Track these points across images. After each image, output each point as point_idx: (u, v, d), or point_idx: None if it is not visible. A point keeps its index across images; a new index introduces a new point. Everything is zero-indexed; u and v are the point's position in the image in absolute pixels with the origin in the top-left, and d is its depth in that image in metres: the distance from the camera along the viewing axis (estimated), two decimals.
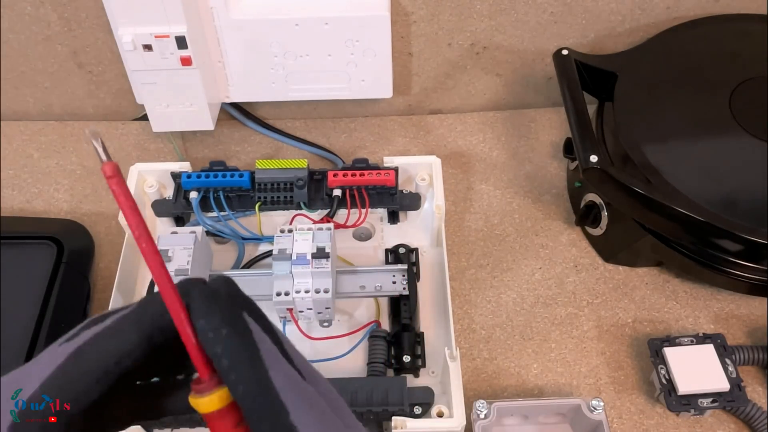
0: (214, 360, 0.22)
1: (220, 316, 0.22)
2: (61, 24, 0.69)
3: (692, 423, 0.55)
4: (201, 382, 0.22)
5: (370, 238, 0.65)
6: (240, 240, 0.62)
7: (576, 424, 0.54)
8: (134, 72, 0.64)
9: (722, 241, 0.57)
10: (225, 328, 0.21)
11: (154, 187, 0.63)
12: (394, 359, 0.56)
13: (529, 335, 0.60)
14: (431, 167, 0.63)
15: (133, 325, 0.22)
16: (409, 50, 0.72)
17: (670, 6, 0.70)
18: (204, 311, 0.22)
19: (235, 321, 0.22)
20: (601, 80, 0.65)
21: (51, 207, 0.70)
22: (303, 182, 0.61)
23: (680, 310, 0.62)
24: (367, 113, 0.77)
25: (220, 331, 0.21)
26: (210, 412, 0.22)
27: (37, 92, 0.76)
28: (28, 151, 0.74)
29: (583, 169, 0.57)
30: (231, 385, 0.21)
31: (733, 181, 0.58)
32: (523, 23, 0.70)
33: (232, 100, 0.72)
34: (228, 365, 0.21)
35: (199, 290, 0.22)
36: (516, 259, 0.65)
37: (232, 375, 0.21)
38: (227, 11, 0.64)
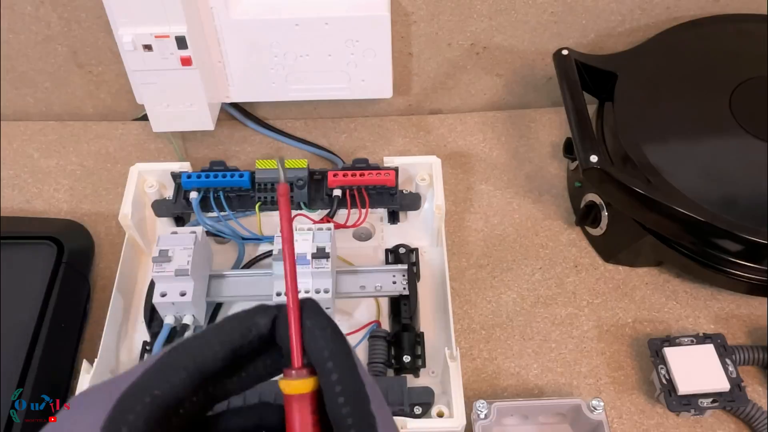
0: (316, 352, 0.27)
1: (326, 319, 0.28)
2: (61, 24, 0.69)
3: (692, 423, 0.55)
4: (292, 370, 0.27)
5: (370, 238, 0.65)
6: (240, 240, 0.62)
7: (576, 424, 0.54)
8: (134, 72, 0.64)
9: (722, 241, 0.57)
10: (329, 328, 0.27)
11: (154, 187, 0.63)
12: (394, 359, 0.56)
13: (529, 335, 0.60)
14: (431, 167, 0.63)
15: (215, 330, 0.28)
16: (409, 50, 0.72)
17: (670, 6, 0.70)
18: (314, 313, 0.28)
19: (334, 325, 0.28)
20: (601, 80, 0.65)
21: (51, 207, 0.70)
22: (303, 182, 0.61)
23: (680, 310, 0.62)
24: (367, 113, 0.77)
25: (325, 330, 0.27)
26: (298, 395, 0.27)
27: (37, 92, 0.76)
28: (28, 151, 0.74)
29: (583, 169, 0.57)
30: (327, 372, 0.26)
31: (733, 181, 0.58)
32: (523, 23, 0.70)
33: (232, 100, 0.72)
34: (328, 355, 0.26)
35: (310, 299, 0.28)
36: (516, 259, 0.65)
37: (330, 364, 0.26)
38: (227, 11, 0.64)
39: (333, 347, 0.27)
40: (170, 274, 0.53)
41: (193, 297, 0.54)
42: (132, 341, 0.58)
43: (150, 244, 0.63)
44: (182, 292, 0.54)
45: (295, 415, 0.27)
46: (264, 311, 0.28)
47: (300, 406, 0.27)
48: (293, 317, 0.27)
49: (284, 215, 0.29)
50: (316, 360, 0.27)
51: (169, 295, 0.54)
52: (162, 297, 0.54)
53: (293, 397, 0.27)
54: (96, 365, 0.53)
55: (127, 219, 0.60)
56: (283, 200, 0.29)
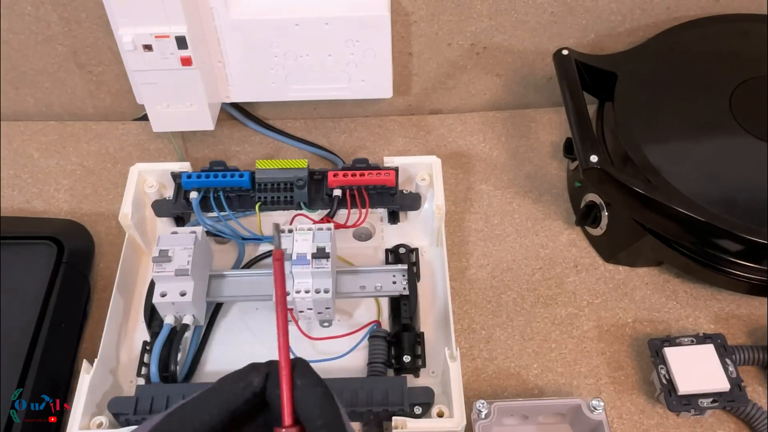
0: (306, 410, 0.28)
1: (317, 378, 0.29)
2: (61, 24, 0.69)
3: (692, 423, 0.55)
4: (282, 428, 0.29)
5: (370, 238, 0.65)
6: (240, 240, 0.62)
7: (576, 424, 0.54)
8: (134, 72, 0.64)
9: (722, 241, 0.57)
10: (320, 387, 0.29)
11: (154, 187, 0.63)
12: (394, 359, 0.56)
13: (529, 335, 0.60)
14: (431, 167, 0.63)
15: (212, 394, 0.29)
16: (409, 50, 0.72)
17: (670, 6, 0.70)
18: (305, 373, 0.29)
19: (325, 386, 0.29)
20: (601, 80, 0.65)
21: (51, 207, 0.70)
22: (303, 182, 0.61)
23: (680, 310, 0.62)
24: (367, 113, 0.77)
25: (316, 390, 0.29)
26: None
27: (37, 92, 0.76)
28: (28, 151, 0.74)
29: (583, 169, 0.57)
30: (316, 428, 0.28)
31: (733, 181, 0.58)
32: (523, 23, 0.70)
33: (232, 100, 0.72)
34: (318, 414, 0.28)
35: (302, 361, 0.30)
36: (516, 259, 0.65)
37: (320, 422, 0.28)
38: (227, 11, 0.64)
39: (323, 406, 0.28)
40: (170, 274, 0.53)
41: (193, 297, 0.54)
42: (132, 341, 0.58)
43: (150, 244, 0.63)
44: (182, 292, 0.54)
45: None
46: (257, 370, 0.30)
47: None
48: (284, 375, 0.29)
49: (278, 280, 0.30)
50: (305, 418, 0.28)
51: (169, 295, 0.54)
52: (162, 297, 0.54)
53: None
54: (96, 365, 0.53)
55: (127, 219, 0.60)
56: (278, 265, 0.31)
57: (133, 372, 0.56)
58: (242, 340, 0.59)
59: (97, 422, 0.50)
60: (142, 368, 0.55)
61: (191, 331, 0.57)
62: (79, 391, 0.51)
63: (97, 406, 0.52)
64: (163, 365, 0.54)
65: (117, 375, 0.56)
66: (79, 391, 0.51)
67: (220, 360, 0.58)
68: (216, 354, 0.58)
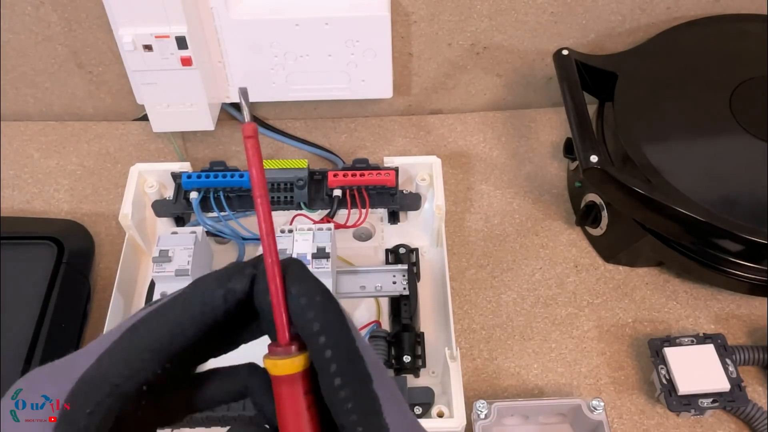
0: (304, 324, 0.23)
1: (315, 284, 0.23)
2: (61, 24, 0.69)
3: (692, 423, 0.55)
4: (278, 347, 0.23)
5: (370, 238, 0.65)
6: (240, 240, 0.62)
7: (576, 424, 0.54)
8: (134, 72, 0.64)
9: (722, 241, 0.57)
10: (318, 295, 0.23)
11: (155, 187, 0.63)
12: (395, 359, 0.56)
13: (530, 335, 0.60)
14: (431, 167, 0.63)
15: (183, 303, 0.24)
16: (410, 50, 0.72)
17: (670, 6, 0.70)
18: (301, 278, 0.23)
19: (325, 291, 0.23)
20: (601, 80, 0.65)
21: (51, 207, 0.70)
22: (303, 182, 0.61)
23: (680, 310, 0.62)
24: (367, 113, 0.77)
25: (314, 298, 0.23)
26: (285, 376, 0.23)
27: (37, 92, 0.76)
28: (28, 151, 0.74)
29: (583, 169, 0.57)
30: (318, 348, 0.22)
31: (733, 181, 0.58)
32: (523, 23, 0.70)
33: (232, 100, 0.72)
34: (319, 329, 0.22)
35: (295, 261, 0.24)
36: (516, 259, 0.65)
37: (322, 338, 0.22)
38: (227, 11, 0.64)
39: (324, 318, 0.22)
40: (170, 274, 0.53)
41: None
42: None
43: (150, 244, 0.63)
44: None
45: (285, 398, 0.23)
46: (240, 273, 0.24)
47: (290, 389, 0.23)
48: (274, 285, 0.23)
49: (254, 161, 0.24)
50: (305, 335, 0.23)
51: None
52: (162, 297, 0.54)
53: (281, 379, 0.23)
54: None
55: (127, 219, 0.60)
56: (251, 143, 0.24)
57: None
58: None
59: None
60: None
61: None
62: None
63: None
64: None
65: None
66: None
67: (220, 360, 0.58)
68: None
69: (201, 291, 0.24)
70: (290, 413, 0.23)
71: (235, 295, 0.23)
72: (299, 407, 0.23)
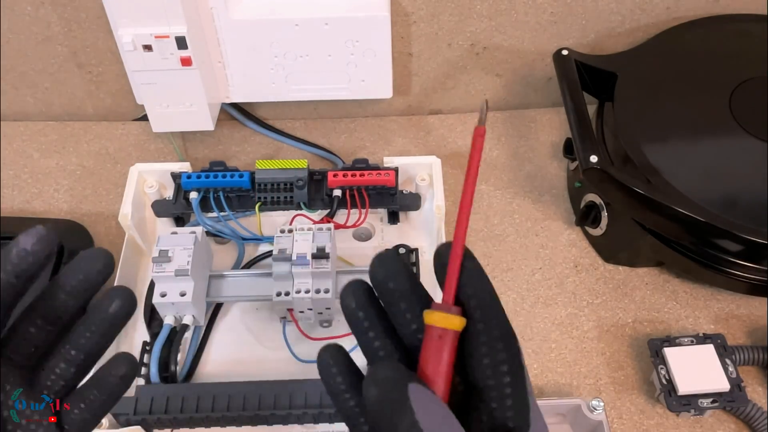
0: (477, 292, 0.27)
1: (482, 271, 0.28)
2: (61, 24, 0.69)
3: (692, 423, 0.55)
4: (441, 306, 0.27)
5: (370, 238, 0.65)
6: (240, 240, 0.62)
7: (576, 424, 0.54)
8: (134, 72, 0.64)
9: (722, 241, 0.57)
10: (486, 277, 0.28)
11: (154, 187, 0.63)
12: None
13: (529, 335, 0.60)
14: (431, 167, 0.63)
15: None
16: (409, 50, 0.72)
17: (670, 6, 0.70)
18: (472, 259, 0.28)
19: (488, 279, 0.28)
20: (601, 80, 0.65)
21: (51, 207, 0.70)
22: (303, 182, 0.61)
23: (680, 310, 0.62)
24: (367, 113, 0.77)
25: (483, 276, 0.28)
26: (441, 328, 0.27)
27: (37, 92, 0.76)
28: (28, 151, 0.74)
29: (583, 169, 0.57)
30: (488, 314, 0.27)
31: (733, 181, 0.58)
32: (523, 23, 0.70)
33: (232, 100, 0.72)
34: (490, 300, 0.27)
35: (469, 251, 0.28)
36: (516, 259, 0.65)
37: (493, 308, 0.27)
38: (227, 11, 0.64)
39: (492, 294, 0.27)
40: (170, 274, 0.53)
41: (193, 297, 0.54)
42: (132, 341, 0.58)
43: (150, 245, 0.63)
44: (182, 293, 0.54)
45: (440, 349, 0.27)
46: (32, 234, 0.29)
47: (446, 342, 0.27)
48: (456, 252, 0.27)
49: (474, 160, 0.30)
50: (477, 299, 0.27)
51: (169, 295, 0.54)
52: (162, 297, 0.54)
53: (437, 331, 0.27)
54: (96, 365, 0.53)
55: (127, 219, 0.60)
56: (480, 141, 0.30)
57: None
58: (242, 340, 0.59)
59: None
60: (142, 368, 0.55)
61: (191, 332, 0.57)
62: None
63: None
64: (163, 365, 0.54)
65: None
66: None
67: (220, 360, 0.58)
68: (216, 354, 0.58)
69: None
70: (441, 363, 0.27)
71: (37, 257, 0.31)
72: (447, 361, 0.27)
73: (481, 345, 0.27)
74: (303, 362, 0.56)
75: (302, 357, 0.56)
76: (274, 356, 0.57)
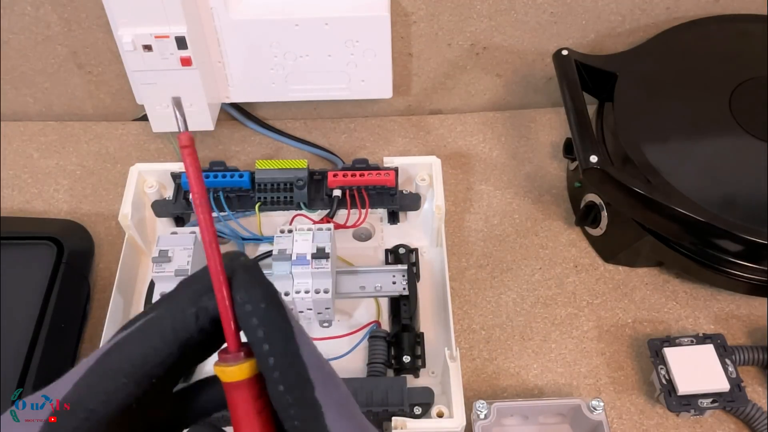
0: (249, 331, 0.23)
1: (260, 291, 0.23)
2: (61, 24, 0.69)
3: (692, 423, 0.55)
4: (228, 353, 0.24)
5: (370, 238, 0.65)
6: (240, 240, 0.62)
7: (576, 425, 0.54)
8: (134, 72, 0.64)
9: (722, 242, 0.57)
10: (263, 302, 0.23)
11: (154, 187, 0.63)
12: (394, 359, 0.56)
13: (529, 335, 0.60)
14: (431, 167, 0.63)
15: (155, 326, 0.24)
16: (409, 50, 0.72)
17: (670, 6, 0.70)
18: (246, 285, 0.23)
19: (272, 297, 0.23)
20: (601, 80, 0.65)
21: (51, 207, 0.70)
22: (303, 182, 0.61)
23: (680, 310, 0.62)
24: (367, 113, 0.77)
25: (259, 305, 0.23)
26: (234, 382, 0.24)
27: (37, 92, 0.76)
28: (28, 151, 0.74)
29: (583, 170, 0.57)
30: (263, 355, 0.23)
31: (733, 181, 0.58)
32: (523, 23, 0.70)
33: (232, 100, 0.72)
34: (263, 336, 0.23)
35: (242, 265, 0.24)
36: (516, 259, 0.65)
37: (266, 346, 0.23)
38: (227, 11, 0.64)
39: (269, 327, 0.23)
40: (170, 274, 0.53)
41: None
42: None
43: (150, 245, 0.63)
44: None
45: (235, 404, 0.24)
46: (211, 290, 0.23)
47: (240, 394, 0.24)
48: (220, 293, 0.23)
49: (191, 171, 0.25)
50: (250, 341, 0.23)
51: None
52: None
53: (231, 385, 0.24)
54: None
55: (127, 219, 0.60)
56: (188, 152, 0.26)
57: None
58: None
59: None
60: None
61: None
62: None
63: None
64: None
65: None
66: None
67: None
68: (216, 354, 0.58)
69: (172, 312, 0.24)
70: (241, 418, 0.24)
71: (207, 313, 0.24)
72: (250, 412, 0.24)
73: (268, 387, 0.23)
74: None
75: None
76: None
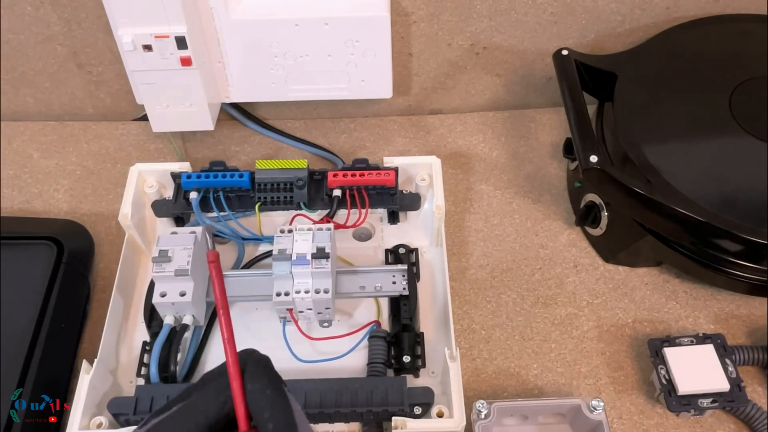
0: (257, 413, 0.28)
1: (267, 380, 0.29)
2: (61, 24, 0.69)
3: (692, 423, 0.55)
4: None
5: (370, 238, 0.65)
6: (240, 240, 0.62)
7: (576, 425, 0.54)
8: (134, 72, 0.64)
9: (722, 241, 0.57)
10: (269, 389, 0.29)
11: (154, 187, 0.63)
12: (394, 359, 0.56)
13: (529, 335, 0.60)
14: (431, 167, 0.63)
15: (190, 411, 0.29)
16: (409, 50, 0.72)
17: (670, 6, 0.70)
18: (256, 376, 0.29)
19: (277, 386, 0.29)
20: (601, 80, 0.65)
21: (51, 207, 0.70)
22: (303, 182, 0.61)
23: (680, 310, 0.62)
24: (367, 113, 0.77)
25: (265, 392, 0.29)
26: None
27: (37, 92, 0.76)
28: (28, 151, 0.74)
29: (583, 169, 0.57)
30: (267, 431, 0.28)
31: (733, 181, 0.58)
32: (523, 23, 0.70)
33: (232, 100, 0.72)
34: (268, 417, 0.28)
35: (254, 359, 0.30)
36: (516, 259, 0.65)
37: (270, 426, 0.28)
38: (227, 11, 0.64)
39: (274, 410, 0.28)
40: (170, 274, 0.53)
41: (192, 297, 0.54)
42: (132, 341, 0.58)
43: (150, 244, 0.63)
44: (182, 292, 0.54)
45: None
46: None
47: None
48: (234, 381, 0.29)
49: (217, 282, 0.30)
50: (257, 421, 0.28)
51: (169, 295, 0.54)
52: (162, 297, 0.54)
53: None
54: (96, 365, 0.53)
55: (127, 219, 0.60)
56: (214, 266, 0.31)
57: (133, 372, 0.56)
58: (242, 340, 0.58)
59: (96, 422, 0.50)
60: (142, 368, 0.55)
61: (191, 332, 0.57)
62: (78, 391, 0.51)
63: (96, 406, 0.52)
64: (162, 365, 0.54)
65: (117, 375, 0.56)
66: (79, 391, 0.51)
67: (220, 360, 0.57)
68: (216, 354, 0.58)
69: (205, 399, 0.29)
70: None
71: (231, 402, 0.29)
72: None
73: None
74: (303, 362, 0.56)
75: (302, 357, 0.56)
76: (274, 356, 0.56)
